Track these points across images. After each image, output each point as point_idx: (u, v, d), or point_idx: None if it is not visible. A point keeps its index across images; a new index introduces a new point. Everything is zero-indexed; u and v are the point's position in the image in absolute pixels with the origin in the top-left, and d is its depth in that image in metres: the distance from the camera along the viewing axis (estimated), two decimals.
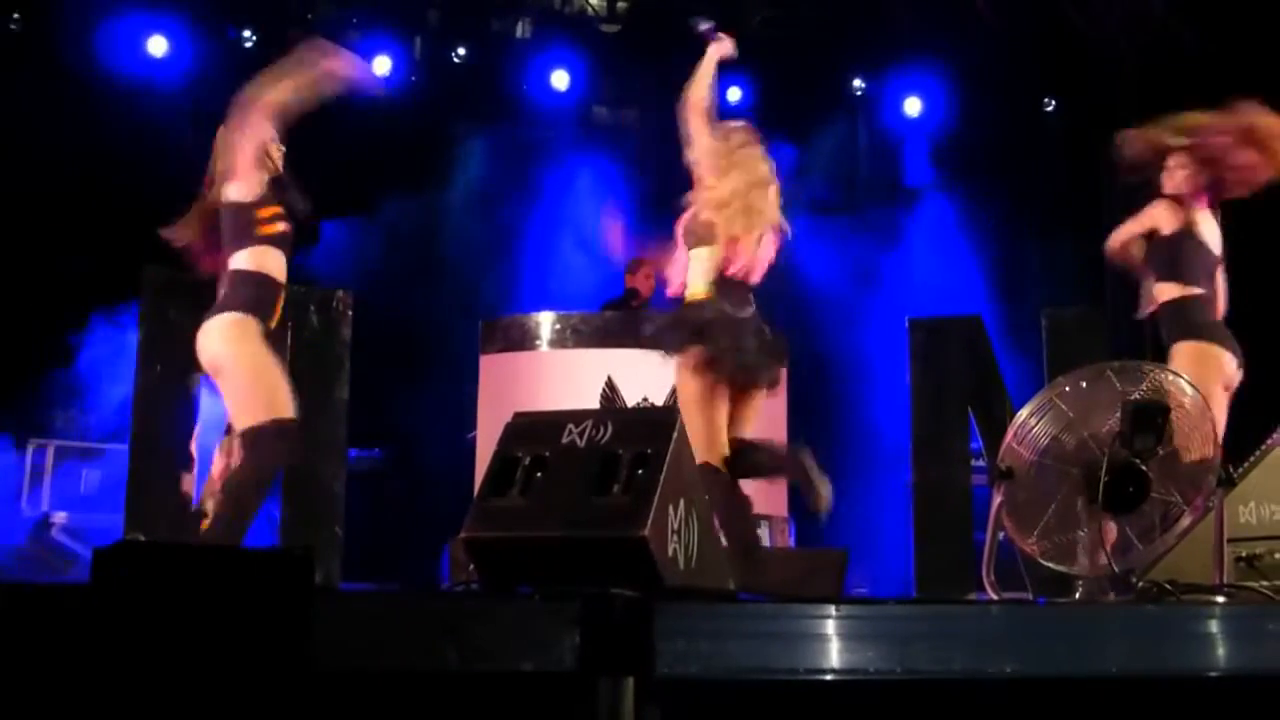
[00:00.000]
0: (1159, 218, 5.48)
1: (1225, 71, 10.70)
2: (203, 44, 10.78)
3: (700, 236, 5.17)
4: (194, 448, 6.08)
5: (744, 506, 5.20)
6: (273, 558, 1.79)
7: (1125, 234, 5.57)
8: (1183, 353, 5.19)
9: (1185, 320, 5.35)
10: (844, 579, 6.41)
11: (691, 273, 5.13)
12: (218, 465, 5.63)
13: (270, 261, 4.88)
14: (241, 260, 4.85)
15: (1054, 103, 11.92)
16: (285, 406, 4.77)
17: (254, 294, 4.82)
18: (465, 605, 2.77)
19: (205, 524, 5.05)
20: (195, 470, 6.10)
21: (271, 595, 1.72)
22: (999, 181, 11.36)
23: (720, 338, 4.98)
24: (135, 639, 1.71)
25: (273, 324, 4.87)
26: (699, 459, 4.77)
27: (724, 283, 5.08)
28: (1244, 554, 4.76)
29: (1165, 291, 5.41)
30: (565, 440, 3.79)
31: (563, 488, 3.67)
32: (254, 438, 4.73)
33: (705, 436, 4.93)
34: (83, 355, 8.84)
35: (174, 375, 5.76)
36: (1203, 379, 4.53)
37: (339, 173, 10.58)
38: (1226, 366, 5.24)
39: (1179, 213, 5.46)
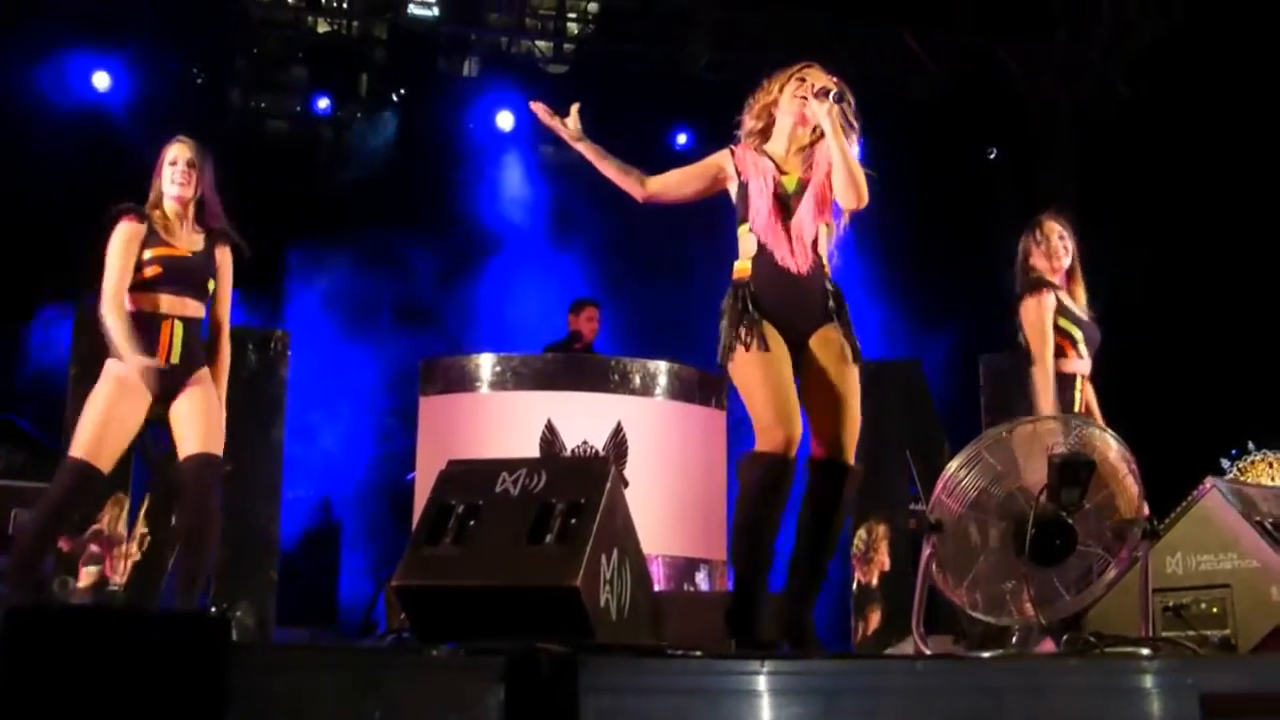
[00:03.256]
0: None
1: (1157, 119, 10.96)
2: (149, 80, 10.75)
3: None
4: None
5: (828, 509, 4.21)
6: (189, 621, 1.78)
7: None
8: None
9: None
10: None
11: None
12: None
13: (144, 301, 4.89)
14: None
15: (995, 151, 12.11)
16: (93, 451, 4.75)
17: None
18: (389, 661, 2.75)
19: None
20: (127, 511, 6.07)
21: (188, 660, 1.70)
22: (942, 226, 11.50)
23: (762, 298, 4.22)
24: (44, 706, 1.68)
25: (160, 357, 4.83)
26: (761, 442, 4.09)
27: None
28: (1171, 604, 4.85)
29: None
30: (499, 488, 3.79)
31: (496, 537, 3.68)
32: (60, 469, 4.79)
33: (772, 414, 4.11)
34: (17, 390, 8.74)
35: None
36: None
37: (281, 210, 10.55)
38: None
39: None
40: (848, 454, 4.25)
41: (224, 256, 5.09)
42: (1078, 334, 5.38)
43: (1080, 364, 5.39)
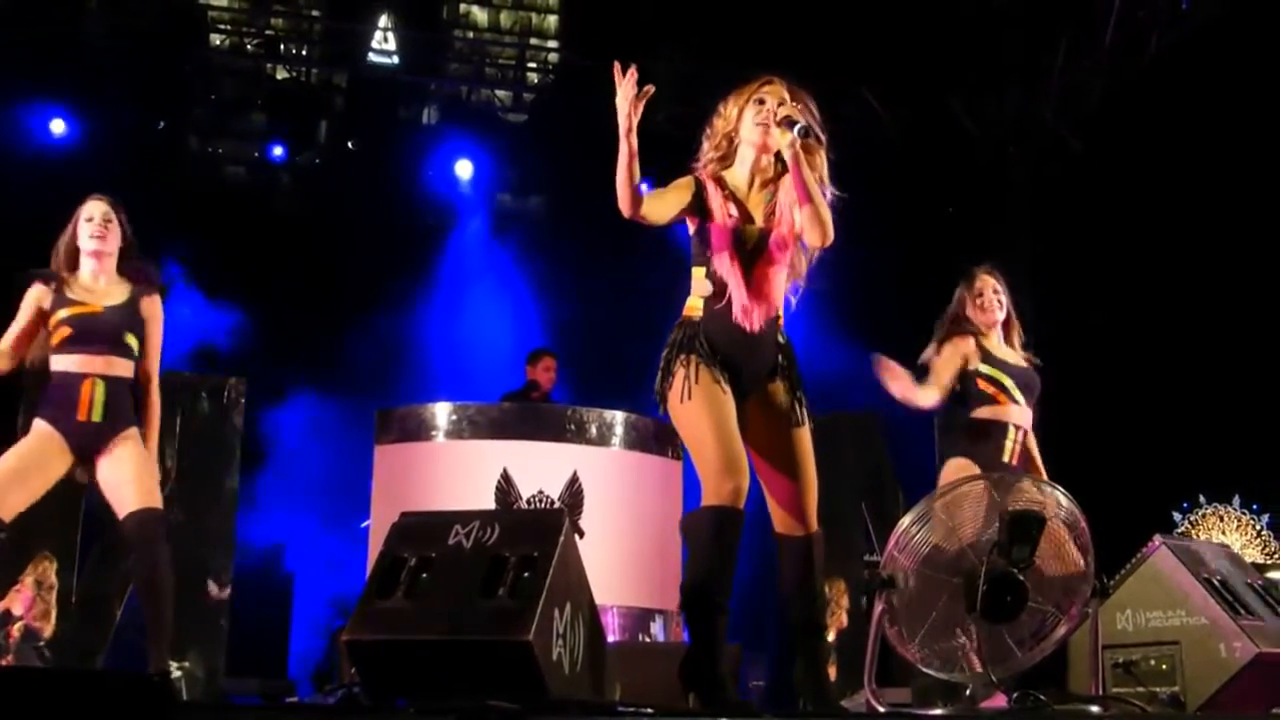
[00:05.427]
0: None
1: (1108, 172, 11.15)
2: (106, 125, 10.71)
3: None
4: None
5: (808, 578, 4.02)
6: (129, 682, 1.75)
7: None
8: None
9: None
10: (738, 676, 6.40)
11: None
12: None
13: (62, 362, 4.87)
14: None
15: (952, 208, 12.24)
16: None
17: (47, 399, 4.85)
18: None
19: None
20: (76, 569, 6.02)
21: None
22: (900, 280, 11.59)
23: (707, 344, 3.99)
24: None
25: (80, 414, 4.81)
26: (709, 495, 3.89)
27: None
28: (1121, 660, 4.88)
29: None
30: (452, 541, 3.76)
31: (448, 590, 3.64)
32: None
33: (721, 461, 3.88)
34: None
35: None
36: None
37: (238, 255, 10.53)
38: None
39: None
40: (810, 523, 4.08)
41: (151, 308, 5.02)
42: (1007, 380, 5.33)
43: (1015, 412, 5.31)
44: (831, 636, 7.75)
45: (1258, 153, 10.94)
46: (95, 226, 4.94)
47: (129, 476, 4.82)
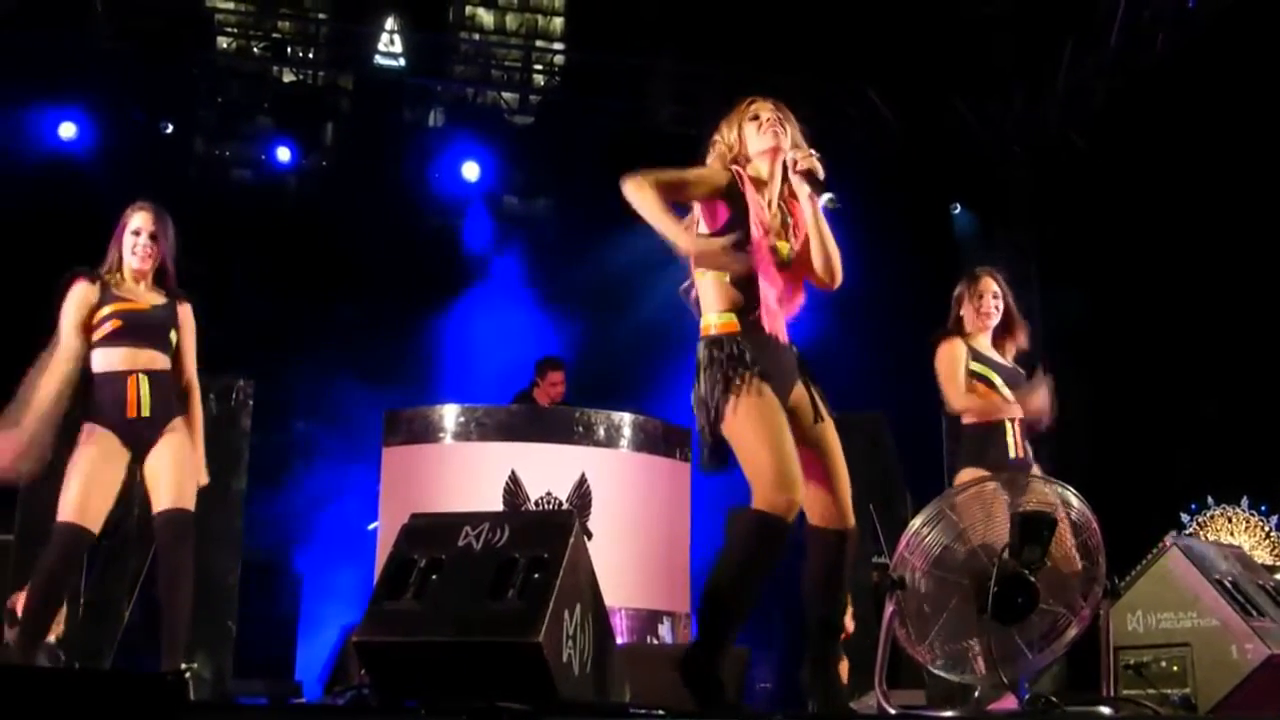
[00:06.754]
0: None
1: (1113, 172, 11.14)
2: (114, 129, 10.73)
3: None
4: None
5: (838, 576, 4.03)
6: (143, 682, 1.75)
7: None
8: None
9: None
10: (744, 678, 6.39)
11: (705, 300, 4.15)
12: None
13: (106, 358, 4.91)
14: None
15: (959, 205, 12.22)
16: (80, 513, 4.75)
17: (95, 399, 4.88)
18: None
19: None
20: (84, 570, 5.99)
21: None
22: (906, 279, 11.57)
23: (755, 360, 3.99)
24: None
25: (130, 412, 4.86)
26: (761, 503, 3.86)
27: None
28: (1132, 662, 4.86)
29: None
30: (462, 543, 3.77)
31: (458, 592, 3.65)
32: (51, 534, 4.78)
33: (775, 475, 3.86)
34: None
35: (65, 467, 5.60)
36: None
37: (245, 257, 10.54)
38: None
39: None
40: (848, 518, 4.04)
41: (185, 313, 5.11)
42: (995, 377, 5.33)
43: (1009, 408, 5.30)
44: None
45: (1264, 152, 10.91)
46: (141, 245, 5.00)
47: (167, 471, 4.87)
